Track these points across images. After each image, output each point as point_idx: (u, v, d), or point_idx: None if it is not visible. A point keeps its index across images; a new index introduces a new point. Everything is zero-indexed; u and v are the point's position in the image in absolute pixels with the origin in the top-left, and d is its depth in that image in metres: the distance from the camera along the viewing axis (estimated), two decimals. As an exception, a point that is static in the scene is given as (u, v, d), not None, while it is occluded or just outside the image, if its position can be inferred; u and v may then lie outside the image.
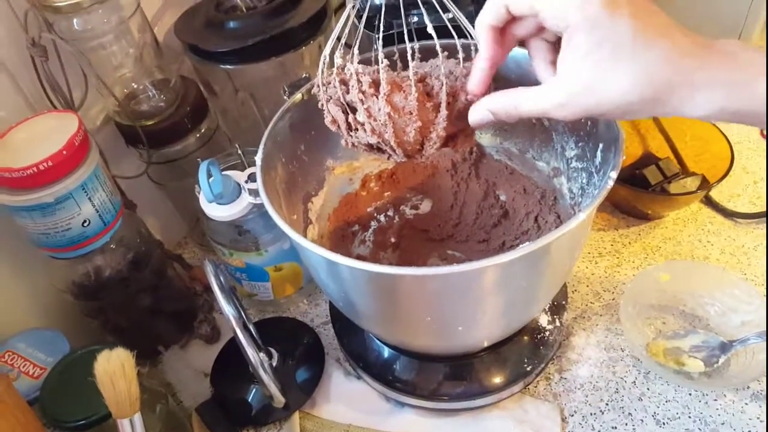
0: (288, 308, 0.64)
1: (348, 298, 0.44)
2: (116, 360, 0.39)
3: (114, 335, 0.57)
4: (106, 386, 0.38)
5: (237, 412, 0.54)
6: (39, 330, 0.53)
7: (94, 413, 0.42)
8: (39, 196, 0.45)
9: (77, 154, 0.46)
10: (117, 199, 0.52)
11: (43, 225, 0.47)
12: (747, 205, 0.67)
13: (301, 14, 0.58)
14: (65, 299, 0.54)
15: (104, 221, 0.50)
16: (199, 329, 0.62)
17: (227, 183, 0.51)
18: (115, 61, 0.56)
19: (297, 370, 0.56)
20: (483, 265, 0.34)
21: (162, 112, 0.59)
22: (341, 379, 0.56)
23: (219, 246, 0.57)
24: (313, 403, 0.55)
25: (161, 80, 0.60)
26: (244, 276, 0.60)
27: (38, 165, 0.44)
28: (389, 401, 0.53)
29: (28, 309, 0.56)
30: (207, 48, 0.58)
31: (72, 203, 0.47)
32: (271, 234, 0.55)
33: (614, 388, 0.52)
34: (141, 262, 0.55)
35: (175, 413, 0.51)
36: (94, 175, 0.48)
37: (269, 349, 0.55)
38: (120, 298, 0.55)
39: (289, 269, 0.60)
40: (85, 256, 0.51)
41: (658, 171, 0.65)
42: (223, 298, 0.47)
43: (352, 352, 0.55)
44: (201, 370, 0.59)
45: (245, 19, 0.58)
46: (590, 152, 0.47)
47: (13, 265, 0.54)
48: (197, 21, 0.61)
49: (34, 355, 0.51)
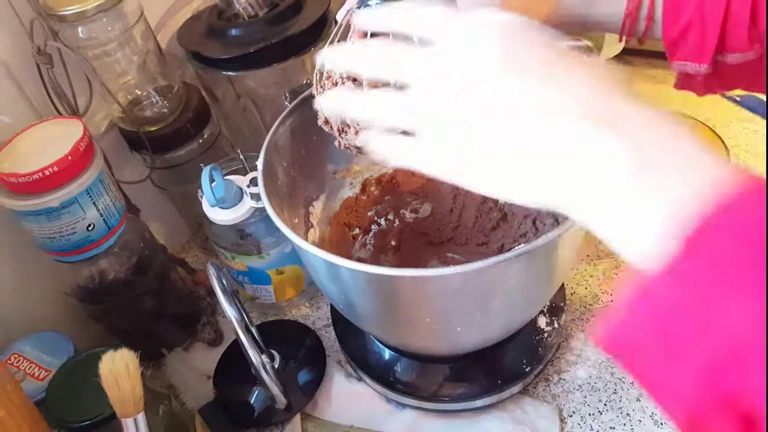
0: (290, 311, 0.65)
1: (348, 300, 0.45)
2: (120, 360, 0.39)
3: (118, 338, 0.57)
4: (110, 386, 0.39)
5: (239, 414, 0.54)
6: (44, 332, 0.54)
7: (99, 414, 0.43)
8: (44, 201, 0.46)
9: (82, 160, 0.47)
10: (121, 204, 0.53)
11: (49, 229, 0.48)
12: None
13: (302, 21, 0.59)
14: (70, 302, 0.55)
15: (108, 225, 0.51)
16: (202, 332, 0.63)
17: (229, 187, 0.52)
18: (119, 68, 0.57)
19: (299, 372, 0.57)
20: (481, 266, 0.35)
21: (165, 118, 0.60)
22: (342, 381, 0.56)
23: (221, 249, 0.58)
24: (315, 404, 0.55)
25: (164, 87, 0.61)
26: (247, 279, 0.60)
27: (44, 170, 0.45)
28: (390, 402, 0.54)
29: (34, 312, 0.56)
30: (209, 55, 0.59)
31: (77, 208, 0.48)
32: (273, 237, 0.56)
33: (612, 388, 0.53)
34: (145, 265, 0.56)
35: (178, 415, 0.51)
36: (99, 180, 0.49)
37: (271, 352, 0.56)
38: (124, 302, 0.55)
39: (290, 272, 0.60)
40: (90, 259, 0.51)
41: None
42: (226, 300, 0.47)
43: (353, 354, 0.56)
44: (204, 372, 0.60)
45: (247, 27, 0.59)
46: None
47: (18, 268, 0.55)
48: (200, 29, 0.62)
49: (40, 358, 0.51)
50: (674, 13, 0.37)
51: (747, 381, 0.19)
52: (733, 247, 0.20)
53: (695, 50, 0.37)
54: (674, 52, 0.38)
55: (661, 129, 0.24)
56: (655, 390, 0.23)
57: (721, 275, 0.20)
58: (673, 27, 0.37)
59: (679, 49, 0.38)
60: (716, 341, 0.20)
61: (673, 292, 0.21)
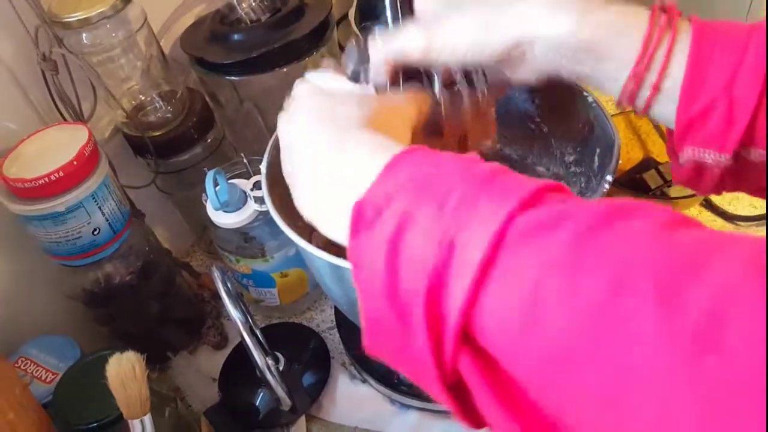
0: (294, 314, 0.65)
1: (352, 301, 0.45)
2: (127, 362, 0.40)
3: (124, 341, 0.58)
4: (117, 388, 0.39)
5: (245, 416, 0.55)
6: (51, 336, 0.54)
7: (106, 416, 0.43)
8: (50, 206, 0.46)
9: (87, 165, 0.48)
10: (126, 208, 0.54)
11: (55, 234, 0.48)
12: (747, 208, 0.67)
13: (304, 26, 0.60)
14: (76, 306, 0.55)
15: (114, 230, 0.51)
16: (208, 335, 0.63)
17: (233, 191, 0.52)
18: (123, 73, 0.58)
19: (303, 375, 0.57)
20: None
21: (169, 123, 0.61)
22: (347, 383, 0.57)
23: (226, 253, 0.58)
24: (320, 406, 0.55)
25: (168, 92, 0.61)
26: (251, 282, 0.61)
27: (50, 175, 0.45)
28: (394, 404, 0.54)
29: (40, 316, 0.57)
30: (212, 60, 0.59)
31: (82, 212, 0.48)
32: (277, 241, 0.57)
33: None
34: (150, 269, 0.57)
35: (184, 417, 0.52)
36: (104, 185, 0.50)
37: (276, 354, 0.56)
38: (129, 305, 0.56)
39: (294, 275, 0.61)
40: (96, 263, 0.52)
41: (658, 175, 0.66)
42: (231, 302, 0.48)
43: (357, 356, 0.56)
44: (209, 375, 0.60)
45: (249, 32, 0.60)
46: (588, 157, 0.47)
47: (24, 273, 0.55)
48: (202, 34, 0.62)
49: (47, 361, 0.52)
50: (697, 86, 0.30)
51: (452, 304, 0.21)
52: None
53: (717, 136, 0.30)
54: (688, 135, 0.31)
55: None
56: (409, 367, 0.24)
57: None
58: (693, 104, 0.30)
59: (696, 133, 0.31)
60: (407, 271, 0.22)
61: (353, 257, 0.25)
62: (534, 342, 0.19)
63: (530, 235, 0.21)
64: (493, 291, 0.21)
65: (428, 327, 0.22)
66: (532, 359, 0.20)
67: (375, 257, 0.23)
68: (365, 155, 0.28)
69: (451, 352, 0.22)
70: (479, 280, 0.21)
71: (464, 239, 0.21)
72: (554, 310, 0.19)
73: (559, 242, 0.20)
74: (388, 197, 0.24)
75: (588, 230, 0.20)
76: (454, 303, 0.21)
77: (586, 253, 0.19)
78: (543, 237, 0.20)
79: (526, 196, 0.21)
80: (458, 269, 0.21)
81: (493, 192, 0.22)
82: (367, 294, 0.24)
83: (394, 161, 0.26)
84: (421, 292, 0.21)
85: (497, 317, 0.20)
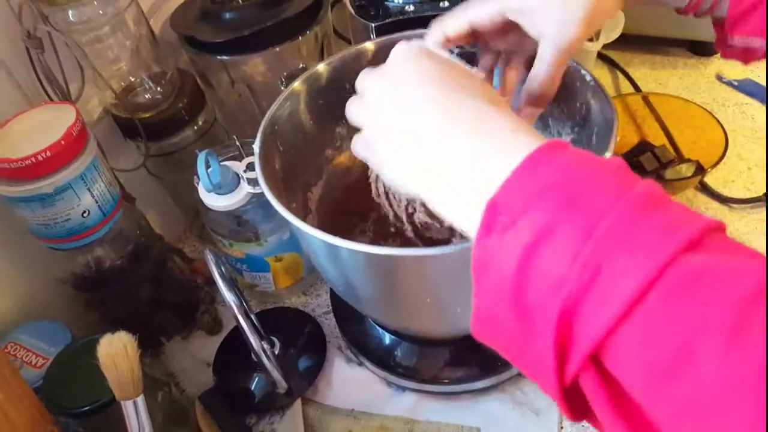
0: (289, 298, 0.64)
1: (349, 282, 0.44)
2: (119, 342, 0.39)
3: (115, 326, 0.57)
4: (109, 368, 0.38)
5: (240, 400, 0.54)
6: (41, 322, 0.53)
7: (98, 399, 0.42)
8: (38, 187, 0.45)
9: (75, 145, 0.47)
10: (116, 190, 0.53)
11: (43, 216, 0.47)
12: (742, 191, 0.67)
13: (297, 4, 0.59)
14: (66, 291, 0.54)
15: (103, 212, 0.50)
16: (201, 320, 0.62)
17: (226, 173, 0.51)
18: (112, 53, 0.56)
19: (299, 359, 0.56)
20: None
21: (159, 105, 0.59)
22: (343, 366, 0.56)
23: (219, 237, 0.58)
24: (316, 390, 0.55)
25: (158, 73, 0.60)
26: (245, 267, 0.60)
27: (36, 155, 0.44)
28: (390, 386, 0.54)
29: (30, 301, 0.56)
30: (203, 39, 0.58)
31: (71, 194, 0.47)
32: (271, 224, 0.56)
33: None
34: (141, 253, 0.56)
35: (178, 401, 0.51)
36: (93, 166, 0.49)
37: (271, 338, 0.56)
38: (120, 290, 0.55)
39: (289, 259, 0.60)
40: (85, 247, 0.51)
41: (653, 158, 0.66)
42: (225, 285, 0.47)
43: (353, 340, 0.55)
44: (204, 360, 0.59)
45: (241, 10, 0.59)
46: (586, 137, 0.47)
47: (13, 256, 0.54)
48: (193, 12, 0.61)
49: (37, 346, 0.51)
50: None
51: (588, 330, 0.21)
52: (538, 200, 0.23)
53: (759, 29, 0.39)
54: (737, 26, 0.40)
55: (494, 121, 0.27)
56: (525, 364, 0.25)
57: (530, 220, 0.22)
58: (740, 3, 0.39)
59: (742, 27, 0.40)
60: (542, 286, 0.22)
61: (480, 255, 0.24)
62: (676, 392, 0.19)
63: (691, 283, 0.20)
64: (637, 327, 0.20)
65: (556, 345, 0.21)
66: (668, 405, 0.19)
67: (505, 262, 0.23)
68: (506, 141, 0.26)
69: (576, 369, 0.21)
70: (624, 315, 0.20)
71: (614, 268, 0.20)
72: (711, 370, 0.18)
73: (721, 301, 0.19)
74: (527, 202, 0.23)
75: (758, 295, 0.19)
76: (590, 330, 0.20)
77: (752, 324, 0.18)
78: (705, 290, 0.19)
79: (696, 237, 0.20)
80: (601, 296, 0.20)
81: (656, 224, 0.21)
82: (488, 294, 0.24)
83: (534, 158, 0.24)
84: (554, 310, 0.21)
85: (638, 355, 0.20)
